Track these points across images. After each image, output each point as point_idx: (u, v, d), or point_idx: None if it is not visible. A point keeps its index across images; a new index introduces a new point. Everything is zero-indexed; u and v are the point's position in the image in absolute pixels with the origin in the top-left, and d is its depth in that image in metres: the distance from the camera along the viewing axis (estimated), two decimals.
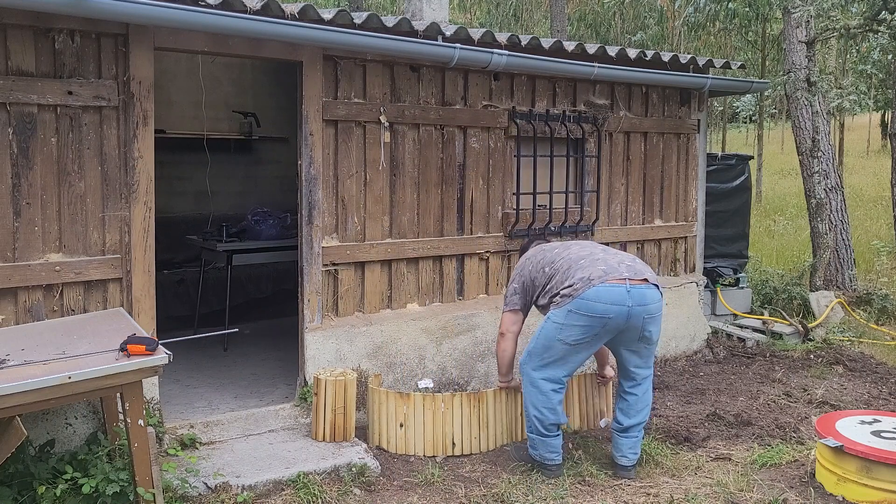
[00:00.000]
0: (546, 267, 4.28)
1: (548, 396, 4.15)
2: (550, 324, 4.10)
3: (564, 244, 4.47)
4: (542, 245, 4.61)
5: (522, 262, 4.51)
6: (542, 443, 4.21)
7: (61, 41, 3.87)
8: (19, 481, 3.47)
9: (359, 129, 4.90)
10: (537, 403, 4.17)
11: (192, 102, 7.10)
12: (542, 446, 4.21)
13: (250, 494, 3.77)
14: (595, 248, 4.31)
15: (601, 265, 4.07)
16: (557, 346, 4.07)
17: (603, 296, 3.94)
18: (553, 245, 4.52)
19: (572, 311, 3.99)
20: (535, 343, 4.19)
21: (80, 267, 3.97)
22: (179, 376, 5.25)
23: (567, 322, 4.01)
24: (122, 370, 3.08)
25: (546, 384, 4.15)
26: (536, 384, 4.17)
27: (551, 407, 4.16)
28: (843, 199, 9.07)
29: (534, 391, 4.18)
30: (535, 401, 4.18)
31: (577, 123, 5.88)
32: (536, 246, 4.62)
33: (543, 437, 4.19)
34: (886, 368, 6.30)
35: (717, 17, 15.31)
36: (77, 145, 3.95)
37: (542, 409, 4.16)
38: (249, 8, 4.12)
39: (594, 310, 3.94)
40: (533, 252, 4.50)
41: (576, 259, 4.18)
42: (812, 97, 8.08)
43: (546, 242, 4.72)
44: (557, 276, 4.18)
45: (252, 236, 6.35)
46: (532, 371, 4.20)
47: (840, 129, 21.10)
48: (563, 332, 4.03)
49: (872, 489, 3.83)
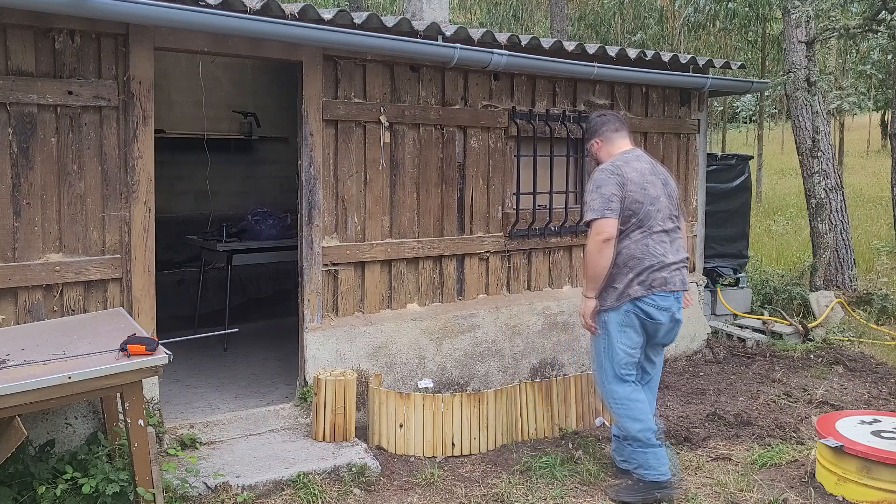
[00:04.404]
0: (635, 204, 3.90)
1: (641, 402, 3.98)
2: (608, 331, 3.97)
3: (644, 177, 3.96)
4: (625, 155, 4.05)
5: (615, 166, 3.97)
6: (653, 455, 3.92)
7: (61, 41, 3.87)
8: (19, 481, 3.47)
9: (359, 129, 4.90)
10: (636, 414, 3.94)
11: (192, 102, 7.10)
12: (654, 458, 3.92)
13: (250, 494, 3.77)
14: (664, 223, 3.98)
15: (667, 266, 3.92)
16: (622, 350, 3.96)
17: (659, 302, 3.91)
18: (640, 172, 3.96)
19: (629, 311, 3.92)
20: (602, 359, 4.02)
21: (80, 267, 3.97)
22: (179, 376, 5.25)
23: (624, 322, 3.93)
24: (122, 370, 3.08)
25: (636, 392, 3.99)
26: (628, 400, 3.96)
27: (647, 411, 3.98)
28: (843, 199, 9.06)
29: (627, 404, 3.96)
30: (632, 414, 3.95)
31: (577, 123, 5.88)
32: (621, 153, 4.08)
33: (654, 448, 3.93)
34: (886, 368, 6.30)
35: (717, 17, 15.30)
36: (77, 145, 3.95)
37: (642, 417, 3.94)
38: (249, 8, 4.12)
39: (650, 315, 3.91)
40: (623, 160, 4.00)
41: (653, 232, 3.92)
42: (812, 97, 8.08)
43: (625, 150, 4.12)
44: (636, 230, 3.91)
45: (252, 236, 6.35)
46: (616, 388, 3.99)
47: (840, 130, 21.10)
48: (622, 336, 3.94)
49: (872, 489, 3.83)
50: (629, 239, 3.92)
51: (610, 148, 4.15)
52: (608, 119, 4.23)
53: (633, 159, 4.03)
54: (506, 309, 5.59)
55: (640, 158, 4.07)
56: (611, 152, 4.13)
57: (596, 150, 4.23)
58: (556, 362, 5.86)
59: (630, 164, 3.98)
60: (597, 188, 3.93)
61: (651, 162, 4.12)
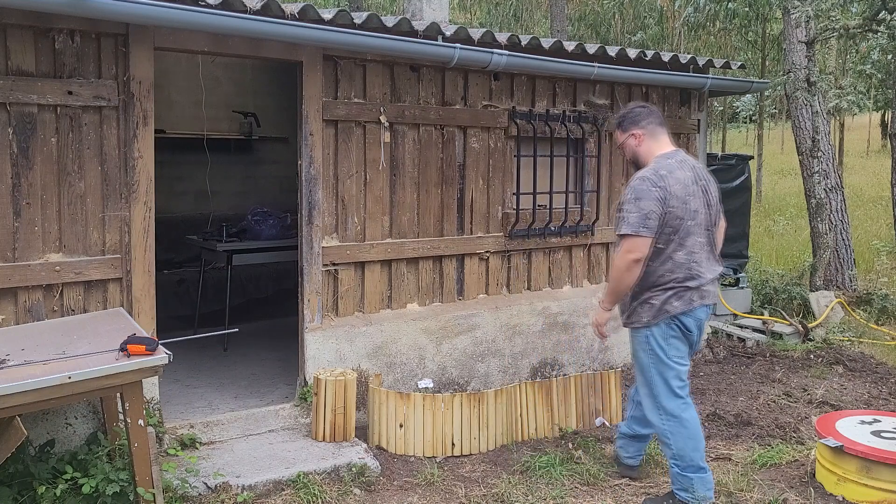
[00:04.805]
0: (676, 220, 3.63)
1: (694, 420, 3.75)
2: (652, 347, 3.76)
3: (686, 189, 3.66)
4: (669, 161, 3.73)
5: (658, 176, 3.63)
6: (700, 481, 3.70)
7: (61, 41, 3.87)
8: (19, 481, 3.47)
9: (359, 129, 4.90)
10: (692, 433, 3.71)
11: (192, 102, 7.10)
12: (700, 482, 3.70)
13: (250, 494, 3.77)
14: (702, 237, 3.74)
15: (705, 283, 3.73)
16: (673, 362, 3.76)
17: (697, 314, 3.74)
18: (683, 184, 3.66)
19: (670, 324, 3.73)
20: (652, 377, 3.79)
21: (80, 267, 3.97)
22: (179, 376, 5.25)
23: (668, 333, 3.73)
24: (122, 370, 3.08)
25: (691, 410, 3.77)
26: (682, 417, 3.72)
27: (700, 431, 3.76)
28: (843, 199, 9.07)
29: (681, 426, 3.72)
30: (687, 433, 3.71)
31: (577, 123, 5.88)
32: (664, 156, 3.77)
33: (703, 474, 3.72)
34: (886, 368, 6.30)
35: (717, 17, 15.31)
36: (77, 145, 3.95)
37: (697, 436, 3.72)
38: (249, 8, 4.12)
39: (688, 327, 3.74)
40: (667, 168, 3.68)
41: (692, 248, 3.69)
42: (812, 97, 8.08)
43: (668, 152, 3.81)
44: (674, 246, 3.66)
45: (252, 236, 6.35)
46: (671, 405, 3.74)
47: (840, 129, 21.11)
48: (670, 348, 3.74)
49: (872, 489, 3.83)
50: (667, 255, 3.67)
51: (652, 144, 3.82)
52: (652, 111, 3.89)
53: (676, 167, 3.70)
54: (506, 309, 5.59)
55: (683, 165, 3.74)
56: (652, 150, 3.81)
57: (636, 144, 3.86)
58: (556, 362, 5.86)
59: (674, 175, 3.65)
60: (636, 199, 3.60)
61: (693, 167, 3.79)
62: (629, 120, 3.88)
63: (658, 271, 3.69)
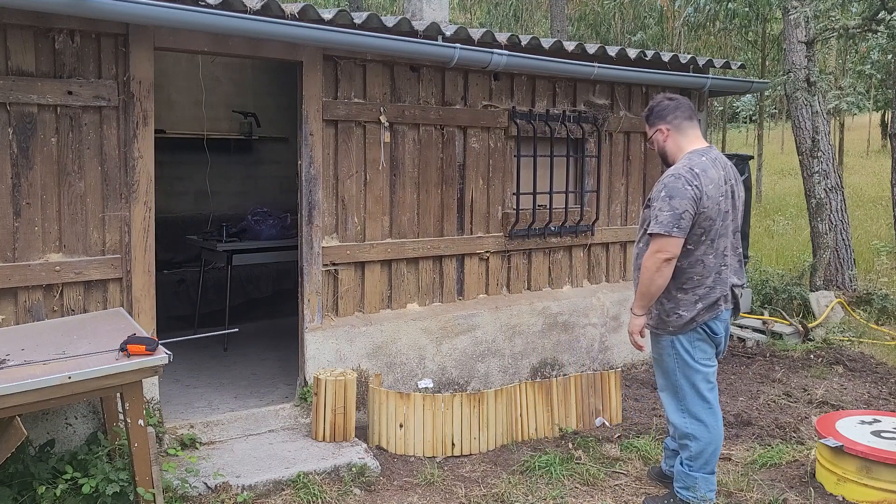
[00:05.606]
0: (707, 221, 3.50)
1: (719, 425, 3.71)
2: (678, 351, 3.67)
3: (719, 189, 3.53)
4: (703, 158, 3.56)
5: (692, 174, 3.46)
6: (705, 481, 3.68)
7: (61, 41, 3.87)
8: (19, 481, 3.47)
9: (359, 129, 4.90)
10: (716, 436, 3.68)
11: (192, 102, 7.10)
12: (705, 485, 3.68)
13: (250, 494, 3.77)
14: (730, 238, 3.63)
15: (727, 289, 3.63)
16: (701, 365, 3.68)
17: (723, 316, 3.65)
18: (716, 183, 3.52)
19: (697, 331, 3.63)
20: (678, 381, 3.69)
21: (80, 267, 3.97)
22: (179, 376, 5.25)
23: (694, 337, 3.64)
24: (122, 370, 3.08)
25: (718, 414, 3.72)
26: (707, 422, 3.67)
27: (721, 435, 3.73)
28: (843, 199, 9.06)
29: (706, 430, 3.66)
30: (712, 438, 3.67)
31: (577, 123, 5.88)
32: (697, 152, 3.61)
33: (710, 475, 3.70)
34: (886, 368, 6.30)
35: (717, 17, 15.33)
36: (77, 145, 3.95)
37: (717, 442, 3.68)
38: (249, 8, 4.12)
39: (715, 331, 3.64)
40: (701, 167, 3.51)
41: (722, 251, 3.59)
42: (812, 97, 8.08)
43: (701, 149, 3.65)
44: (704, 249, 3.54)
45: (252, 236, 6.35)
46: (699, 409, 3.67)
47: (840, 130, 21.11)
48: (696, 352, 3.65)
49: (872, 489, 3.83)
50: (696, 257, 3.54)
51: (681, 140, 3.66)
52: (680, 104, 3.69)
53: (710, 165, 3.54)
54: (506, 309, 5.59)
55: (716, 163, 3.58)
56: (681, 146, 3.66)
57: (663, 140, 3.71)
58: (556, 362, 5.86)
59: (708, 174, 3.49)
60: (669, 198, 3.45)
61: (725, 165, 3.65)
62: (655, 114, 3.73)
63: (687, 272, 3.56)
